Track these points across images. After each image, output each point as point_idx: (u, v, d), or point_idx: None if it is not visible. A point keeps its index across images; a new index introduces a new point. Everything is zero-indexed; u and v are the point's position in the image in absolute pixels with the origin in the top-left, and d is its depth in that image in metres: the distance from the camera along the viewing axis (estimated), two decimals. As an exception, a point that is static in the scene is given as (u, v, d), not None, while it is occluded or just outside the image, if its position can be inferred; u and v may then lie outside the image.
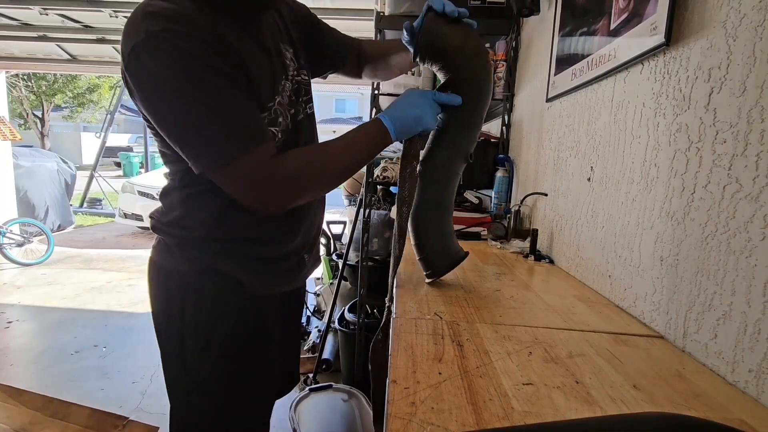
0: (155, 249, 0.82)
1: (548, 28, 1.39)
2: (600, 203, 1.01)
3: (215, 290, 0.78)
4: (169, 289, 0.79)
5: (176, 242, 0.78)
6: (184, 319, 0.78)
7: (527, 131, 1.63)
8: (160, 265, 0.81)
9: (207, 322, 0.78)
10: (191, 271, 0.78)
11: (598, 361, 0.64)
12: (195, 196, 0.76)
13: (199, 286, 0.78)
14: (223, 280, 0.78)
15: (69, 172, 6.03)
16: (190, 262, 0.78)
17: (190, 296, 0.78)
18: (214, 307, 0.78)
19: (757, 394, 0.55)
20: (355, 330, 1.99)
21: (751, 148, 0.57)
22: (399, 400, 0.51)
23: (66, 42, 4.07)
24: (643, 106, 0.84)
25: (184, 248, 0.78)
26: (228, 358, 0.80)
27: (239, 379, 0.82)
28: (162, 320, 0.81)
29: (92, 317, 3.10)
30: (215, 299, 0.78)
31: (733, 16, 0.62)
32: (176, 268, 0.79)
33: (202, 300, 0.78)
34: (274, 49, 0.78)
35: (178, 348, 0.79)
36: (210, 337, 0.78)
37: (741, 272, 0.58)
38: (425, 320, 0.76)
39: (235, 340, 0.80)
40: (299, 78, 0.84)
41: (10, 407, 1.82)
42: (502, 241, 1.50)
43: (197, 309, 0.78)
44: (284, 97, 0.78)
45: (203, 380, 0.79)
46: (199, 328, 0.78)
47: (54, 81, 11.24)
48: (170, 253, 0.79)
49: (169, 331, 0.81)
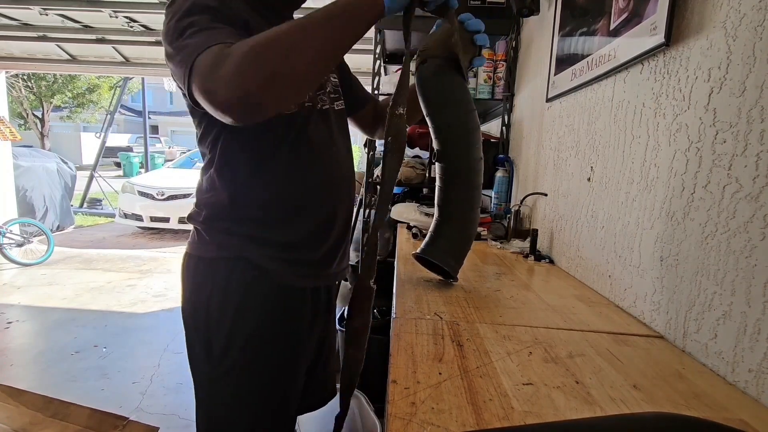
0: (189, 242, 0.85)
1: (548, 28, 1.39)
2: (600, 203, 1.01)
3: (242, 278, 0.79)
4: (198, 277, 0.81)
5: (205, 227, 0.81)
6: (211, 307, 0.79)
7: (527, 131, 1.63)
8: (191, 255, 0.83)
9: (233, 311, 0.79)
10: (219, 259, 0.79)
11: (598, 361, 0.64)
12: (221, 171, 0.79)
13: (226, 274, 0.79)
14: (250, 268, 0.79)
15: (69, 172, 6.03)
16: (218, 248, 0.79)
17: (217, 284, 0.79)
18: (240, 296, 0.79)
19: (757, 394, 0.55)
20: (355, 330, 1.99)
21: (751, 148, 0.57)
22: (399, 400, 0.51)
23: (66, 42, 4.07)
24: (643, 106, 0.84)
25: (212, 233, 0.80)
26: (254, 347, 0.80)
27: (265, 370, 0.82)
28: (189, 309, 0.83)
29: (92, 317, 3.10)
30: (242, 287, 0.79)
31: (733, 16, 0.62)
32: (206, 256, 0.81)
33: (229, 288, 0.79)
34: None
35: (205, 336, 0.80)
36: (236, 326, 0.79)
37: (741, 272, 0.58)
38: (425, 320, 0.76)
39: (261, 330, 0.80)
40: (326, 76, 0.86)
41: (10, 407, 1.82)
42: (502, 241, 1.50)
43: (224, 297, 0.79)
44: None
45: (228, 368, 0.80)
46: (226, 317, 0.79)
47: (54, 81, 11.23)
48: (201, 240, 0.81)
49: (195, 320, 0.82)
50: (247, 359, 0.80)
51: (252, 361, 0.80)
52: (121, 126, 19.74)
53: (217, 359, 0.80)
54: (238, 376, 0.80)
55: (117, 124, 16.22)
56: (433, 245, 0.94)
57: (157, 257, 4.84)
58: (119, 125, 19.05)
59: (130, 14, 3.34)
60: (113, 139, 15.03)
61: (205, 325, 0.80)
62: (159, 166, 9.93)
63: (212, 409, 0.83)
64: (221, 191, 0.79)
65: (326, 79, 0.87)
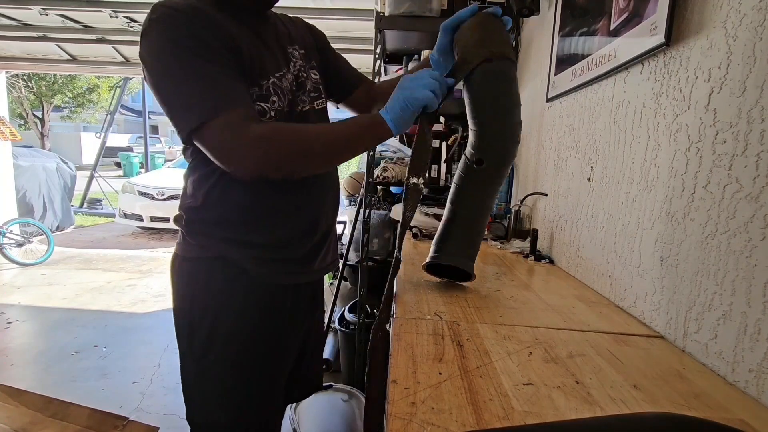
0: (176, 242, 0.86)
1: (548, 28, 1.39)
2: (600, 203, 1.01)
3: (222, 277, 0.81)
4: (182, 277, 0.84)
5: (188, 230, 0.82)
6: (193, 306, 0.82)
7: (527, 131, 1.63)
8: (176, 255, 0.85)
9: (214, 308, 0.81)
10: (201, 258, 0.81)
11: (598, 361, 0.64)
12: (201, 180, 0.80)
13: (207, 273, 0.81)
14: (229, 267, 0.81)
15: (69, 172, 6.02)
16: (200, 249, 0.81)
17: (199, 282, 0.81)
18: (221, 293, 0.81)
19: (757, 394, 0.55)
20: (355, 330, 1.99)
21: (751, 148, 0.57)
22: (399, 400, 0.51)
23: (66, 42, 4.06)
24: (643, 106, 0.84)
25: (195, 235, 0.82)
26: (235, 343, 0.82)
27: (247, 365, 0.83)
28: (176, 308, 0.85)
29: (92, 317, 3.10)
30: (222, 285, 0.81)
31: (733, 16, 0.62)
32: (189, 256, 0.82)
33: (210, 286, 0.81)
34: (276, 43, 0.82)
35: (188, 334, 0.83)
36: (217, 323, 0.81)
37: (741, 272, 0.58)
38: (425, 320, 0.76)
39: (241, 326, 0.82)
40: (305, 74, 0.86)
41: (10, 407, 1.82)
42: (502, 241, 1.50)
43: (205, 295, 0.81)
44: (283, 81, 0.80)
45: (210, 363, 0.82)
46: (207, 315, 0.81)
47: (54, 81, 11.22)
48: (184, 241, 0.83)
49: (181, 320, 0.84)
50: (229, 355, 0.82)
51: (233, 357, 0.82)
52: (121, 126, 19.74)
53: (200, 356, 0.82)
54: (220, 372, 0.82)
55: (117, 124, 16.21)
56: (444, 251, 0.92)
57: (157, 257, 4.84)
58: (119, 125, 19.05)
59: (130, 14, 3.34)
60: (113, 139, 15.02)
61: (189, 323, 0.82)
62: (159, 166, 9.92)
63: (197, 404, 0.85)
64: (201, 197, 0.81)
65: (306, 77, 0.86)
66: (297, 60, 0.85)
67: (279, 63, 0.81)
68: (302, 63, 0.86)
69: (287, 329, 0.89)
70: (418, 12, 1.68)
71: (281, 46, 0.83)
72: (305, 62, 0.87)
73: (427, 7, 1.68)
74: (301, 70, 0.85)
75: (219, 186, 0.79)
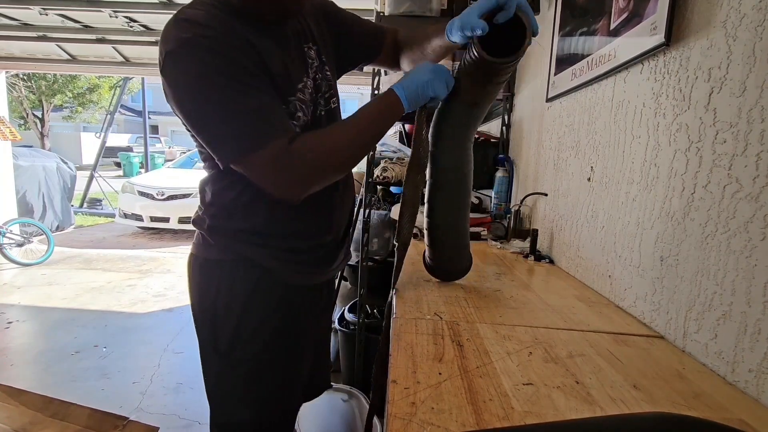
0: (194, 244, 0.87)
1: (548, 28, 1.39)
2: (600, 203, 1.01)
3: (246, 278, 0.81)
4: (204, 278, 0.84)
5: (210, 233, 0.82)
6: (217, 306, 0.82)
7: (527, 131, 1.63)
8: (196, 256, 0.85)
9: (238, 309, 0.81)
10: (224, 260, 0.82)
11: (598, 361, 0.64)
12: (225, 189, 0.81)
13: (231, 274, 0.81)
14: (254, 268, 0.81)
15: (69, 172, 6.02)
16: (223, 251, 0.82)
17: (223, 283, 0.82)
18: (244, 294, 0.81)
19: (757, 394, 0.55)
20: (355, 330, 1.99)
21: (751, 148, 0.57)
22: (399, 400, 0.51)
23: (66, 42, 4.06)
24: (643, 106, 0.84)
25: (217, 238, 0.82)
26: (258, 344, 0.83)
27: (271, 363, 0.84)
28: (198, 309, 0.85)
29: (92, 317, 3.10)
30: (246, 286, 0.82)
31: (733, 16, 0.61)
32: (211, 258, 0.83)
33: (234, 287, 0.81)
34: (296, 51, 0.81)
35: (212, 334, 0.83)
36: (242, 322, 0.81)
37: (741, 272, 0.58)
38: (425, 320, 0.76)
39: (265, 326, 0.83)
40: (321, 75, 0.86)
41: (10, 407, 1.82)
42: (502, 241, 1.50)
43: (229, 296, 0.81)
44: (305, 94, 0.80)
45: (235, 362, 0.82)
46: (231, 315, 0.81)
47: (54, 81, 11.21)
48: (205, 244, 0.83)
49: (203, 319, 0.84)
50: (254, 353, 0.83)
51: (258, 355, 0.83)
52: (121, 126, 19.72)
53: (225, 354, 0.82)
54: (245, 370, 0.83)
55: (117, 124, 16.20)
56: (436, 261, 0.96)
57: (157, 257, 4.84)
58: (119, 125, 19.03)
59: (130, 14, 3.34)
60: (113, 139, 15.02)
61: (212, 322, 0.83)
62: (159, 166, 9.92)
63: (219, 402, 0.86)
64: (224, 207, 0.81)
65: (321, 78, 0.85)
66: (313, 61, 0.84)
67: (300, 72, 0.80)
68: (318, 64, 0.85)
69: (307, 328, 0.91)
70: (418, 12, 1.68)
71: (299, 48, 0.82)
72: (320, 62, 0.86)
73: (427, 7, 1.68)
74: (317, 72, 0.84)
75: (245, 195, 0.79)
